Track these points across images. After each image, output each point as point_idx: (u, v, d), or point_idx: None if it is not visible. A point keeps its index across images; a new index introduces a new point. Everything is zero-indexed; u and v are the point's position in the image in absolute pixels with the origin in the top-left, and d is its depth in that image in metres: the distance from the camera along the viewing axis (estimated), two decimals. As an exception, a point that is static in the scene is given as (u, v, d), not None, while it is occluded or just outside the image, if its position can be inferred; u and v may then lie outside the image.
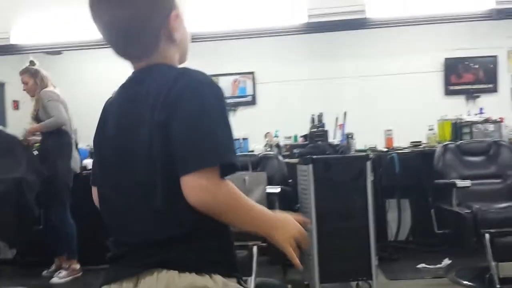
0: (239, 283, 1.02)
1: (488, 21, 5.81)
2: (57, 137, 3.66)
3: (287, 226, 1.03)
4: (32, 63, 3.78)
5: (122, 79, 1.09)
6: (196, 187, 0.90)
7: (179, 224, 0.94)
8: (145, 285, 0.93)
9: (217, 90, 0.97)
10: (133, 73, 1.06)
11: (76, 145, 3.94)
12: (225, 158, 0.92)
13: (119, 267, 0.99)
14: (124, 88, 1.06)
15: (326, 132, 4.17)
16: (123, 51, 1.05)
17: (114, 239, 1.03)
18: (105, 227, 1.06)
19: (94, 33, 1.06)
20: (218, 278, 0.95)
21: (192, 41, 1.16)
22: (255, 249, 2.82)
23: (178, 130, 0.91)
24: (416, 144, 4.24)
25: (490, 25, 5.85)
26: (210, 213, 0.92)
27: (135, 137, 0.97)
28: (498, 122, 3.97)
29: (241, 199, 0.96)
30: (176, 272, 0.92)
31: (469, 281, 3.22)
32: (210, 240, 0.97)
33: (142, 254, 0.96)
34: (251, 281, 2.78)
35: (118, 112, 1.03)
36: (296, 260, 1.03)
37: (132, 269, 0.95)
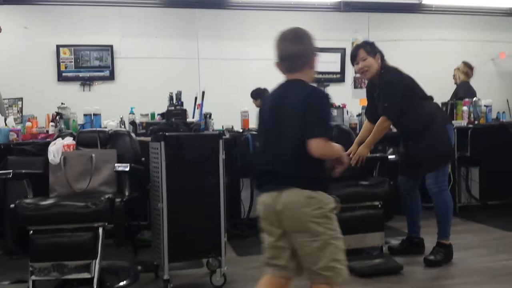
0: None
1: (337, 15, 6.30)
2: None
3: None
4: None
5: None
6: (313, 145, 1.74)
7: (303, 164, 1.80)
8: (286, 194, 1.77)
9: (327, 98, 1.82)
10: (285, 80, 1.88)
11: None
12: (322, 133, 1.77)
13: (269, 186, 1.83)
14: (277, 88, 1.89)
15: (184, 111, 4.10)
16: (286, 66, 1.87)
17: (261, 172, 1.87)
18: None
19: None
20: (320, 192, 1.79)
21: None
22: (100, 230, 2.67)
23: (310, 118, 1.76)
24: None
25: (340, 18, 6.36)
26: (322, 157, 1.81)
27: (281, 119, 1.82)
28: (341, 108, 4.32)
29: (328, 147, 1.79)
30: (299, 188, 1.77)
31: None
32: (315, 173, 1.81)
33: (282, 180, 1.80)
34: (96, 264, 2.64)
35: (272, 102, 1.89)
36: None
37: (279, 186, 1.80)
